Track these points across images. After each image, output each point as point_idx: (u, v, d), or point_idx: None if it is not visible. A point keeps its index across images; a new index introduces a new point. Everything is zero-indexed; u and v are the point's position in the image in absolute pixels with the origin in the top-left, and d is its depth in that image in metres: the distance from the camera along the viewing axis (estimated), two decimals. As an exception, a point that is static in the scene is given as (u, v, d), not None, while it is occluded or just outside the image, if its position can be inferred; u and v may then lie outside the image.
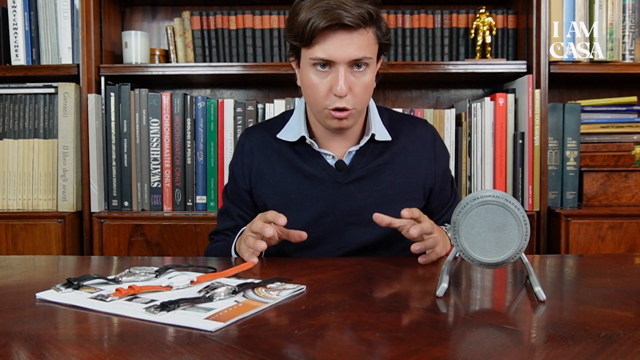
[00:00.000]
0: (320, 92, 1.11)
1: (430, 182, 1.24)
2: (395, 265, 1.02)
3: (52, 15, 1.87)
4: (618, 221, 1.72)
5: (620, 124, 1.91)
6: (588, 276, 0.98)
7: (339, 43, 1.06)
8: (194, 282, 0.87)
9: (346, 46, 1.07)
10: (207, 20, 1.93)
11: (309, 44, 1.08)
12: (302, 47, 1.11)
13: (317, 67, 1.10)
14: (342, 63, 1.08)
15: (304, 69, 1.13)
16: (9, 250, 1.77)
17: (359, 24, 1.06)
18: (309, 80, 1.12)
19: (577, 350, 0.59)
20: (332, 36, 1.06)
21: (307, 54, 1.10)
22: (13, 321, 0.70)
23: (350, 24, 1.05)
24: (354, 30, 1.07)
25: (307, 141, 1.19)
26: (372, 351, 0.60)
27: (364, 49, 1.08)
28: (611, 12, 1.82)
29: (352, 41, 1.07)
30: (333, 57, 1.07)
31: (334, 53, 1.07)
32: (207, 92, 2.17)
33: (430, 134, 1.27)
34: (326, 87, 1.10)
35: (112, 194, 1.86)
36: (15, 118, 1.88)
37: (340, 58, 1.07)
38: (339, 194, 1.19)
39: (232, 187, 1.28)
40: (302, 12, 1.07)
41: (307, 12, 1.06)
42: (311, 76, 1.11)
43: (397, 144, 1.23)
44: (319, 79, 1.10)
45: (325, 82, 1.10)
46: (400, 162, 1.22)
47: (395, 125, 1.25)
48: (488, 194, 0.83)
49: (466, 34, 1.95)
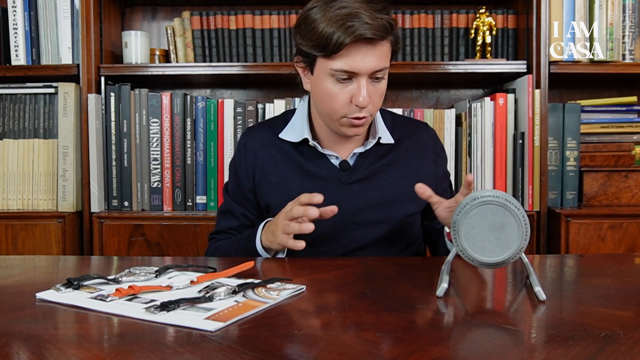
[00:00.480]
0: (340, 102, 1.11)
1: (431, 184, 1.24)
2: (395, 265, 1.02)
3: (52, 15, 1.87)
4: (618, 221, 1.72)
5: (620, 124, 1.91)
6: (588, 276, 0.98)
7: (361, 55, 1.07)
8: (194, 282, 0.87)
9: (369, 57, 1.07)
10: (207, 20, 1.93)
11: (330, 55, 1.07)
12: (321, 56, 1.09)
13: (338, 78, 1.09)
14: (364, 75, 1.08)
15: (321, 77, 1.12)
16: (9, 250, 1.77)
17: (382, 36, 1.07)
18: (327, 90, 1.11)
19: (577, 350, 0.59)
20: (355, 49, 1.06)
21: (327, 64, 1.09)
22: (13, 321, 0.70)
23: (374, 37, 1.05)
24: (376, 43, 1.07)
25: (311, 143, 1.20)
26: (372, 351, 0.60)
27: (384, 60, 1.09)
28: (611, 12, 1.82)
29: (374, 52, 1.07)
30: (356, 69, 1.07)
31: (357, 65, 1.07)
32: (207, 92, 2.17)
33: (432, 137, 1.30)
34: (346, 97, 1.10)
35: (112, 194, 1.86)
36: (15, 118, 1.88)
37: (363, 70, 1.07)
38: (343, 193, 1.19)
39: (235, 185, 1.28)
40: (320, 22, 1.06)
41: (327, 22, 1.05)
42: (330, 86, 1.10)
43: (400, 146, 1.24)
44: (339, 89, 1.10)
45: (345, 92, 1.10)
46: (403, 164, 1.23)
47: (397, 128, 1.27)
48: (488, 194, 0.83)
49: (466, 34, 1.95)
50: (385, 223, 1.20)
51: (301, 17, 1.12)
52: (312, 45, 1.09)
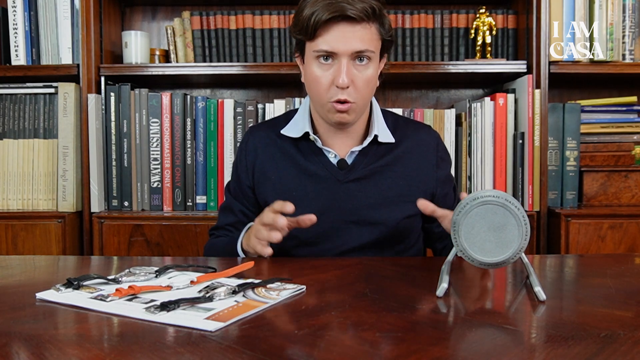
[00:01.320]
0: (323, 85, 1.12)
1: (431, 187, 1.24)
2: (395, 265, 1.02)
3: (52, 15, 1.87)
4: (618, 221, 1.72)
5: (620, 124, 1.91)
6: (588, 276, 0.98)
7: (341, 35, 1.08)
8: (194, 282, 0.87)
9: (349, 38, 1.08)
10: (207, 20, 1.93)
11: (312, 37, 1.10)
12: (306, 41, 1.12)
13: (320, 60, 1.11)
14: (344, 55, 1.09)
15: (308, 63, 1.14)
16: (9, 250, 1.77)
17: (362, 17, 1.07)
18: (312, 74, 1.13)
19: (577, 350, 0.59)
20: (335, 28, 1.08)
21: (310, 47, 1.12)
22: (13, 321, 0.70)
23: (353, 16, 1.07)
24: (357, 23, 1.08)
25: (311, 137, 1.20)
26: (372, 351, 0.60)
27: (366, 42, 1.10)
28: (611, 12, 1.82)
29: (354, 34, 1.08)
30: (335, 48, 1.08)
31: (337, 45, 1.08)
32: (207, 92, 2.17)
33: (434, 139, 1.28)
34: (329, 80, 1.11)
35: (112, 194, 1.86)
36: (15, 118, 1.88)
37: (342, 50, 1.09)
38: (340, 192, 1.20)
39: (236, 183, 1.29)
40: (306, 7, 1.10)
41: (311, 6, 1.08)
42: (314, 69, 1.12)
43: (400, 147, 1.24)
44: (321, 71, 1.12)
45: (327, 74, 1.11)
46: (403, 164, 1.22)
47: (399, 128, 1.26)
48: (488, 194, 0.83)
49: (466, 34, 1.95)
50: (383, 224, 1.19)
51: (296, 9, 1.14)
52: (298, 31, 1.12)
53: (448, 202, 1.28)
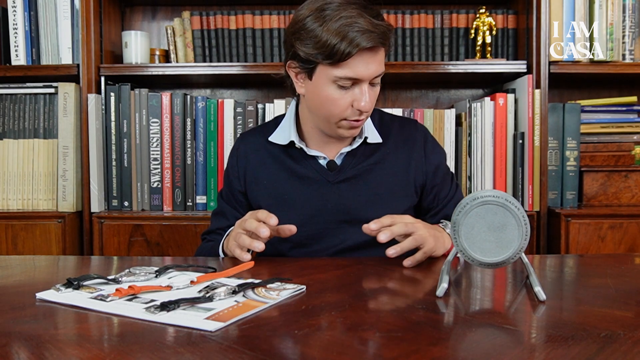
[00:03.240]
0: (341, 107, 1.13)
1: (420, 180, 1.26)
2: (395, 265, 1.02)
3: (52, 15, 1.87)
4: (618, 221, 1.72)
5: (620, 124, 1.91)
6: (588, 276, 0.98)
7: (364, 63, 1.09)
8: (194, 282, 0.87)
9: (370, 64, 1.10)
10: (207, 20, 1.93)
11: (338, 62, 1.08)
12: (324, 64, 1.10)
13: (340, 84, 1.11)
14: (366, 81, 1.11)
15: (322, 83, 1.12)
16: (9, 250, 1.77)
17: (383, 43, 1.09)
18: (329, 96, 1.12)
19: (577, 350, 0.59)
20: (359, 57, 1.08)
21: (330, 71, 1.10)
22: (13, 321, 0.70)
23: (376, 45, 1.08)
24: (376, 50, 1.10)
25: (297, 145, 1.22)
26: (372, 351, 0.60)
27: (382, 64, 1.13)
28: (611, 12, 1.82)
29: (374, 59, 1.10)
30: (360, 76, 1.09)
31: (361, 73, 1.09)
32: (207, 92, 2.17)
33: (421, 133, 1.29)
34: (347, 102, 1.12)
35: (112, 194, 1.86)
36: (15, 118, 1.88)
37: (366, 77, 1.10)
38: (330, 193, 1.21)
39: (227, 189, 1.31)
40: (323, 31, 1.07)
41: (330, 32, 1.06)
42: (332, 92, 1.12)
43: (388, 144, 1.25)
44: (340, 94, 1.12)
45: (347, 97, 1.12)
46: (391, 161, 1.24)
47: (385, 126, 1.28)
48: (488, 194, 0.83)
49: (466, 34, 1.95)
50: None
51: (297, 23, 1.12)
52: (315, 54, 1.09)
53: (439, 193, 1.28)
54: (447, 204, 1.28)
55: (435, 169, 1.28)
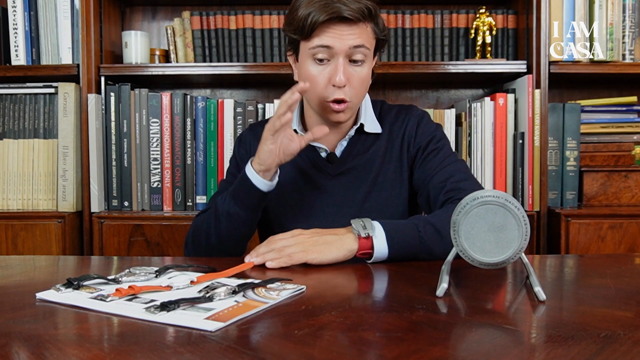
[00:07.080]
0: (320, 84, 1.13)
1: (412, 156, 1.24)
2: (395, 265, 1.02)
3: (52, 15, 1.87)
4: (618, 221, 1.72)
5: (620, 124, 1.91)
6: (588, 276, 0.98)
7: (338, 34, 1.10)
8: (194, 282, 0.86)
9: (345, 36, 1.10)
10: (207, 20, 1.93)
11: (308, 36, 1.11)
12: (301, 39, 1.13)
13: (316, 59, 1.12)
14: (341, 53, 1.11)
15: (303, 61, 1.15)
16: (9, 250, 1.77)
17: (358, 17, 1.09)
18: (307, 72, 1.14)
19: (577, 350, 0.59)
20: (332, 28, 1.09)
21: (306, 45, 1.13)
22: (13, 321, 0.70)
23: (349, 17, 1.08)
24: (353, 24, 1.10)
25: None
26: (372, 351, 0.60)
27: (362, 38, 1.11)
28: (611, 12, 1.82)
29: (350, 32, 1.10)
30: (332, 44, 1.10)
31: (332, 42, 1.10)
32: (207, 92, 2.17)
33: (415, 118, 1.26)
34: (325, 79, 1.13)
35: (112, 194, 1.86)
36: (15, 118, 1.88)
37: (339, 47, 1.10)
38: (331, 185, 1.22)
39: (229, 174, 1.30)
40: (301, 7, 1.11)
41: (306, 6, 1.10)
42: (310, 68, 1.13)
43: (386, 132, 1.26)
44: (318, 70, 1.13)
45: (324, 73, 1.13)
46: (389, 150, 1.25)
47: (384, 115, 1.28)
48: (488, 194, 0.83)
49: (466, 34, 1.95)
50: (376, 212, 1.21)
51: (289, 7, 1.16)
52: (293, 30, 1.13)
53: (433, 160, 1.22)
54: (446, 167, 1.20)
55: (428, 143, 1.23)
